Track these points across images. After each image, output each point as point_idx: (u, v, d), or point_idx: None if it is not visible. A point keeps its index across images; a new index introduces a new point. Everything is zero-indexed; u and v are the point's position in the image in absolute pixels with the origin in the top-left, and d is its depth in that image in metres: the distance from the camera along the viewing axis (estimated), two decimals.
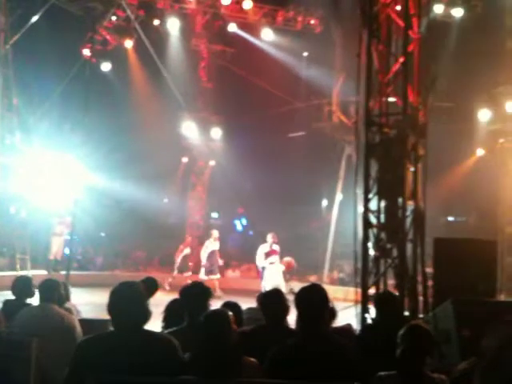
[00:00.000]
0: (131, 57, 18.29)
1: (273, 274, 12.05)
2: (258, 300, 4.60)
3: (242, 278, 17.96)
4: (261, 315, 4.33)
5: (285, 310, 4.15)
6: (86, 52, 15.63)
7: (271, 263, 12.21)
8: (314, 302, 3.44)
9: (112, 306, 3.15)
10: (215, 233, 15.36)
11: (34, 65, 16.61)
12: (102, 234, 20.64)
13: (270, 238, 12.59)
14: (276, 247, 12.53)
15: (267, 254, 12.34)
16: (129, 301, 3.13)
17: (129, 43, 16.95)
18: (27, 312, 4.81)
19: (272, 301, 4.21)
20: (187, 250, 16.11)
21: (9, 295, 5.81)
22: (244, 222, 22.55)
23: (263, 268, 12.38)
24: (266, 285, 11.49)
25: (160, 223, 20.00)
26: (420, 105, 7.73)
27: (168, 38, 18.08)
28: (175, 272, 15.72)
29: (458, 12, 13.71)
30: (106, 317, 3.25)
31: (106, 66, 17.19)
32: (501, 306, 5.70)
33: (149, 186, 17.77)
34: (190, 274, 15.83)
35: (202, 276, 14.50)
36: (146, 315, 3.20)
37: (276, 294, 4.34)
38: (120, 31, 16.50)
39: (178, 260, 15.91)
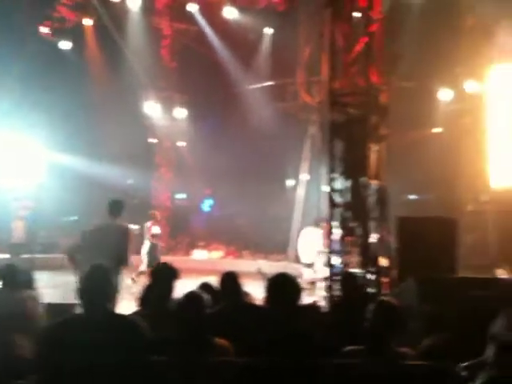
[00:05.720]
0: (90, 35, 17.83)
1: None
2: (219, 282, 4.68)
3: (209, 258, 18.01)
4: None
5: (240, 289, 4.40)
6: (45, 30, 15.15)
7: None
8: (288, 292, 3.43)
9: (81, 288, 3.14)
10: None
11: None
12: (75, 218, 20.37)
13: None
14: None
15: None
16: (98, 283, 3.13)
17: (88, 21, 16.49)
18: None
19: (229, 282, 4.39)
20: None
21: None
22: (210, 202, 22.50)
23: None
24: None
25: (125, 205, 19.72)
26: (382, 85, 7.82)
27: (128, 15, 17.66)
28: None
29: None
30: (72, 301, 3.24)
31: (65, 45, 16.72)
32: (461, 282, 5.87)
33: (113, 167, 17.51)
34: None
35: None
36: (114, 297, 3.21)
37: (232, 274, 4.49)
38: (79, 8, 16.05)
39: None
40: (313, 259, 11.87)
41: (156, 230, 12.52)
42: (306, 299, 5.07)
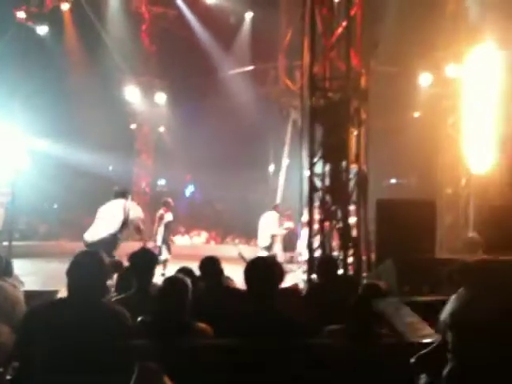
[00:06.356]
0: (68, 20, 17.56)
1: None
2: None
3: (191, 244, 18.02)
4: None
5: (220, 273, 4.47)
6: (21, 14, 14.85)
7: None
8: (265, 278, 3.37)
9: (69, 273, 3.12)
10: None
11: None
12: (55, 206, 20.24)
13: None
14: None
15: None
16: (86, 269, 3.11)
17: (65, 5, 16.24)
18: None
19: (210, 266, 4.44)
20: None
21: None
22: (191, 188, 22.46)
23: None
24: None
25: (106, 191, 19.61)
26: (362, 69, 7.83)
27: None
28: None
29: None
30: (51, 288, 3.22)
31: (42, 30, 16.43)
32: (438, 262, 5.95)
33: (93, 154, 17.36)
34: None
35: None
36: (102, 285, 3.21)
37: (212, 259, 4.52)
38: None
39: None
40: (268, 242, 12.05)
41: (169, 217, 12.54)
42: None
